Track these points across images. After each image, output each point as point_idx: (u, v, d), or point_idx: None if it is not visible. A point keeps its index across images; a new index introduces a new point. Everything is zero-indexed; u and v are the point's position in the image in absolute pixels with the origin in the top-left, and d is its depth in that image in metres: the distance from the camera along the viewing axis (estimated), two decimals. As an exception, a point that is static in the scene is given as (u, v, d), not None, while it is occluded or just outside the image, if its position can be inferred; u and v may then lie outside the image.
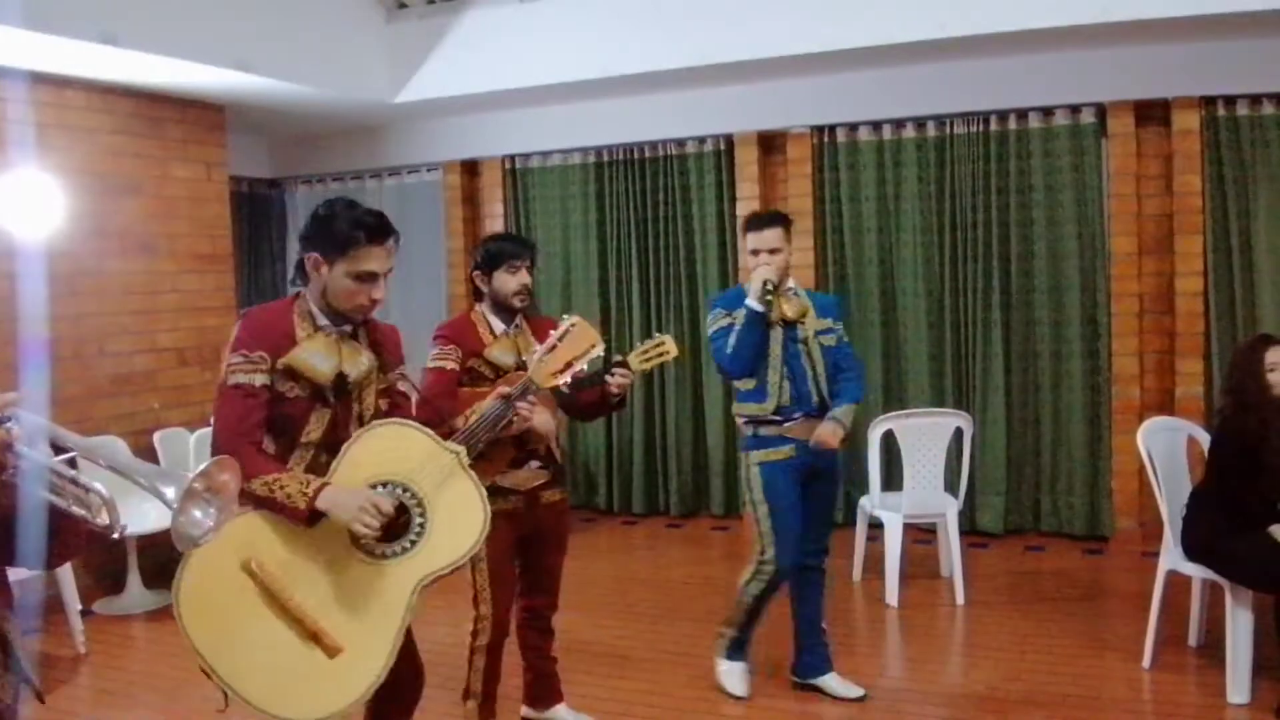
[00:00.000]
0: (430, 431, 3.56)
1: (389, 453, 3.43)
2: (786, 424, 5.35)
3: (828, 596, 5.69)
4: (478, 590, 4.70)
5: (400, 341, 3.86)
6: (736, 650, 5.61)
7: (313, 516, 3.27)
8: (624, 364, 4.73)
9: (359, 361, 3.58)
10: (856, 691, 5.52)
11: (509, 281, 4.77)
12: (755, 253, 5.34)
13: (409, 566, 3.37)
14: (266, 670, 3.14)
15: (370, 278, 3.46)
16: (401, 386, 3.84)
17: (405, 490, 3.42)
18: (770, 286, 5.25)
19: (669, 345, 4.80)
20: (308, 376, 3.46)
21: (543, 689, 5.18)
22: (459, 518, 3.45)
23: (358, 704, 3.24)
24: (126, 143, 7.92)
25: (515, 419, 4.02)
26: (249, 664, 3.12)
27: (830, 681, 5.58)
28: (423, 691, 3.85)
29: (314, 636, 3.20)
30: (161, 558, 7.50)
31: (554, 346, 4.09)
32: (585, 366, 4.17)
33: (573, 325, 4.15)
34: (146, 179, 8.08)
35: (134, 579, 7.38)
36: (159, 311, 8.11)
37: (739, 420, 5.52)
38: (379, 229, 3.47)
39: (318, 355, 3.48)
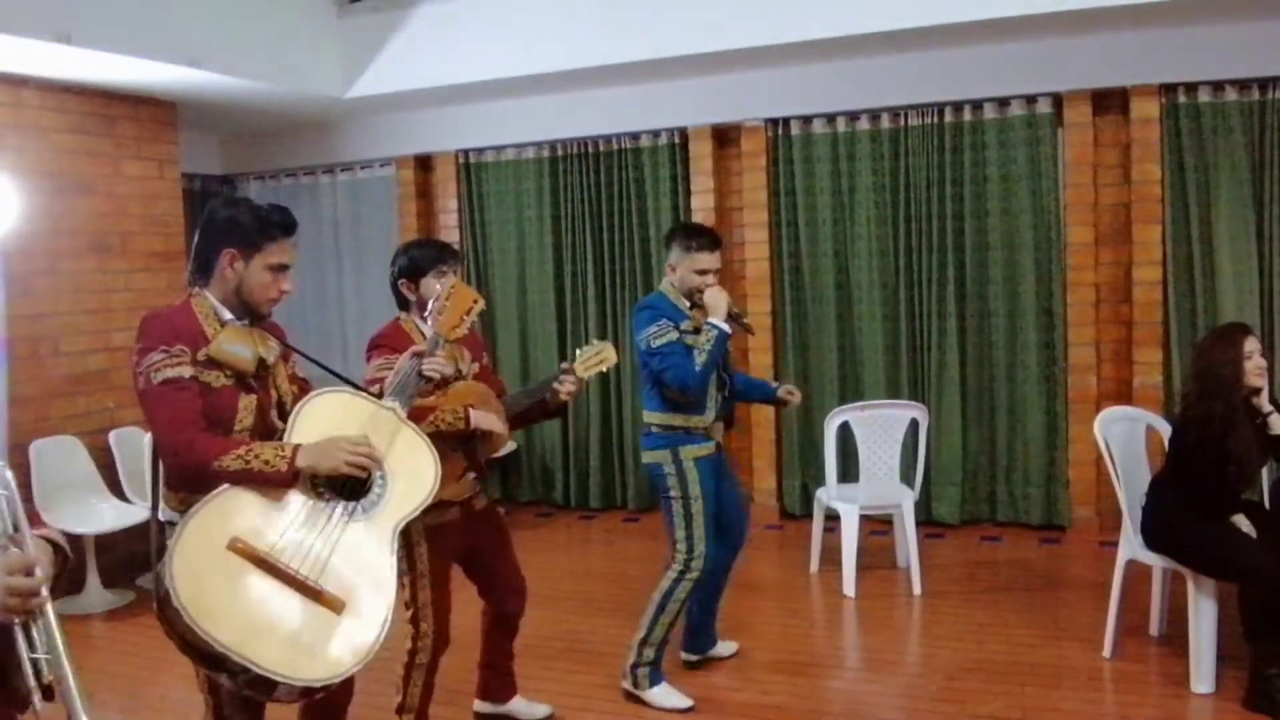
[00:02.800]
0: (365, 394, 3.71)
1: (337, 417, 3.52)
2: (709, 425, 5.44)
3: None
4: (419, 607, 4.54)
5: (284, 333, 3.92)
6: (658, 673, 5.44)
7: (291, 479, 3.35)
8: (570, 371, 4.71)
9: (270, 347, 3.66)
10: (732, 647, 6.02)
11: (439, 288, 4.40)
12: (704, 272, 5.32)
13: (382, 517, 3.44)
14: (280, 639, 3.11)
15: (283, 269, 3.62)
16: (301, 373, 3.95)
17: None
18: (734, 309, 5.37)
19: (607, 352, 4.83)
20: (232, 365, 3.51)
21: (500, 683, 5.18)
22: (414, 464, 3.58)
23: (373, 651, 3.22)
24: (80, 141, 7.91)
25: (430, 373, 3.93)
26: (262, 636, 3.08)
27: (719, 648, 6.00)
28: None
29: (316, 597, 3.21)
30: (119, 557, 7.50)
31: (444, 307, 4.10)
32: (475, 320, 4.21)
33: (453, 287, 4.19)
34: (99, 177, 8.07)
35: (93, 579, 7.34)
36: (113, 310, 8.07)
37: (656, 426, 5.41)
38: (289, 224, 3.65)
39: (237, 344, 3.54)
